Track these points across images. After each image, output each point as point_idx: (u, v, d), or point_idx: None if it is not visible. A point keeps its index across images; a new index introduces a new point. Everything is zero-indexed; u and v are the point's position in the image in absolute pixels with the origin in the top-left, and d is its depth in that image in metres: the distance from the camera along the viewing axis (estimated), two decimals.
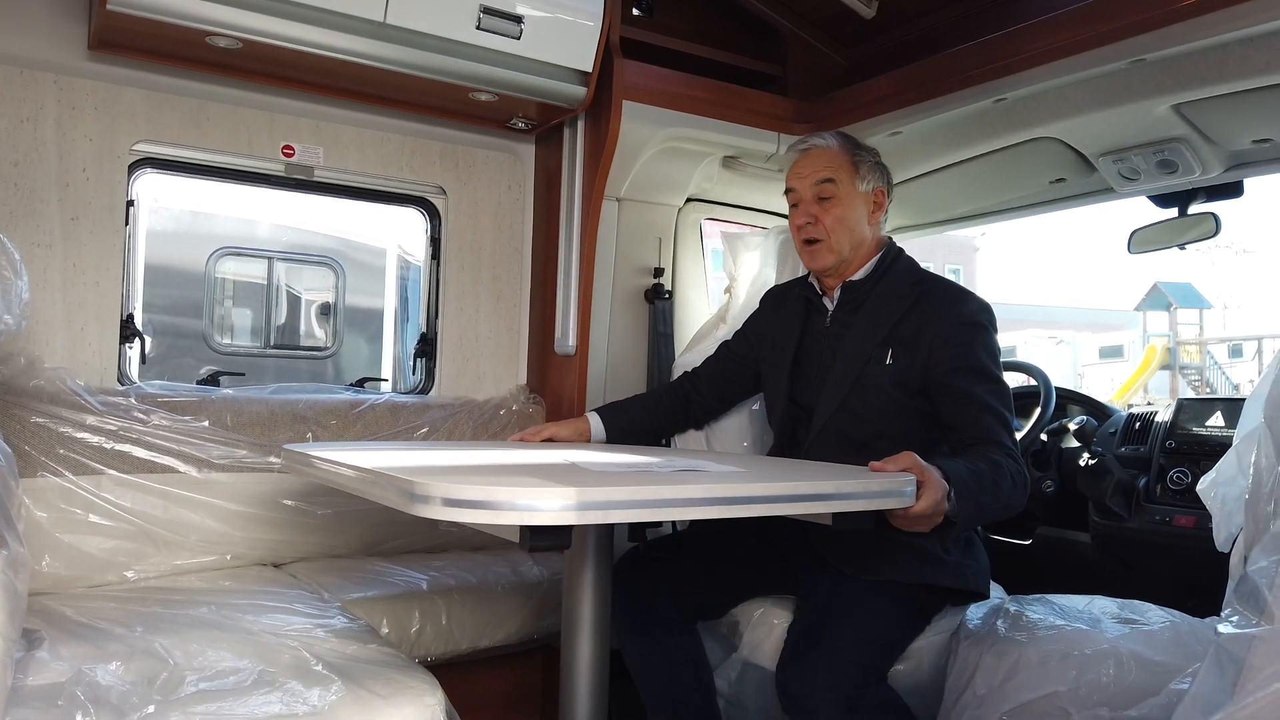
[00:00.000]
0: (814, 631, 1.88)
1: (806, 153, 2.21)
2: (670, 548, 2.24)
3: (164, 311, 3.60)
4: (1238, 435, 1.56)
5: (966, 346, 2.01)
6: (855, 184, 2.17)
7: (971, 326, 2.04)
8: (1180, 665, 1.66)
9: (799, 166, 2.22)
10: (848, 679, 1.78)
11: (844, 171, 2.17)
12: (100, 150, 2.43)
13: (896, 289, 2.14)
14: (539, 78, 2.56)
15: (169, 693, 1.53)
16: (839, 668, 1.79)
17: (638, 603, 2.09)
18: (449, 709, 1.66)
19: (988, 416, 1.95)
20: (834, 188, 2.16)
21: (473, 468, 1.62)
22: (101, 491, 2.29)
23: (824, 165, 2.18)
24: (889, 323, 2.10)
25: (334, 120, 2.77)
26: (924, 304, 2.09)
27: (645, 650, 2.09)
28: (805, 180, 2.19)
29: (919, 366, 2.03)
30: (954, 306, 2.07)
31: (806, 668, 1.81)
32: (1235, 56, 2.06)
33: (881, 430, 2.07)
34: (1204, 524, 1.99)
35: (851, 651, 1.83)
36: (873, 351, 2.09)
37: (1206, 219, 2.56)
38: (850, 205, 2.17)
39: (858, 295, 2.19)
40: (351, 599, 2.24)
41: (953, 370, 2.00)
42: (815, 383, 2.18)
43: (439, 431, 2.80)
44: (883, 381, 2.06)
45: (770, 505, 1.41)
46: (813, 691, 1.77)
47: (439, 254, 3.00)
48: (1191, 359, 22.17)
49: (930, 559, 2.00)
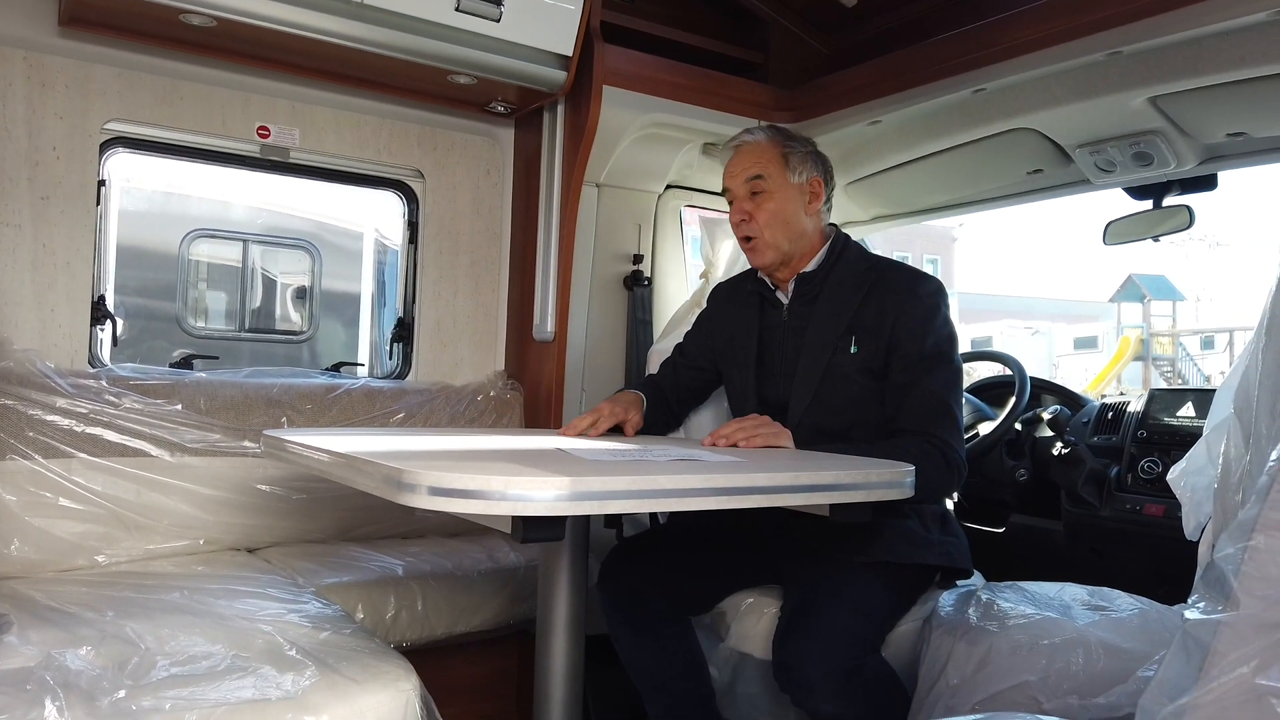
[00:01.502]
0: (807, 608, 1.88)
1: (737, 149, 2.19)
2: (654, 541, 2.23)
3: (137, 294, 3.56)
4: (1208, 425, 1.58)
5: (923, 333, 2.02)
6: (787, 176, 2.14)
7: (930, 311, 2.04)
8: (1148, 652, 1.69)
9: (731, 165, 2.19)
10: (844, 650, 1.80)
11: (774, 165, 2.14)
12: (71, 129, 2.39)
13: (850, 276, 2.13)
14: (518, 61, 2.53)
15: (140, 677, 1.51)
16: (834, 639, 1.81)
17: (629, 597, 2.08)
18: (424, 694, 1.66)
19: (925, 404, 1.97)
20: (764, 183, 2.13)
21: (459, 454, 1.61)
22: (72, 475, 2.26)
23: (753, 161, 2.15)
24: (849, 310, 2.08)
25: (310, 101, 2.73)
26: (881, 289, 2.08)
27: (640, 644, 2.08)
28: (737, 178, 2.16)
29: (883, 350, 2.04)
30: (912, 289, 2.06)
31: (802, 641, 1.82)
32: (1210, 50, 2.07)
33: (855, 419, 2.07)
34: (1174, 513, 2.01)
35: (846, 623, 1.84)
36: (837, 341, 2.08)
37: (1181, 211, 2.59)
38: (783, 198, 2.13)
39: (812, 286, 2.16)
40: (326, 584, 2.23)
41: (904, 358, 2.01)
42: (782, 378, 2.16)
43: (415, 417, 2.78)
44: (851, 370, 2.06)
45: (770, 496, 1.40)
46: (810, 664, 1.78)
47: (416, 238, 2.98)
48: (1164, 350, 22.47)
49: (916, 539, 2.02)
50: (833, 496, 1.49)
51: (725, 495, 1.34)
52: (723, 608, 2.16)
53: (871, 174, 3.05)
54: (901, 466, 1.56)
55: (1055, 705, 1.68)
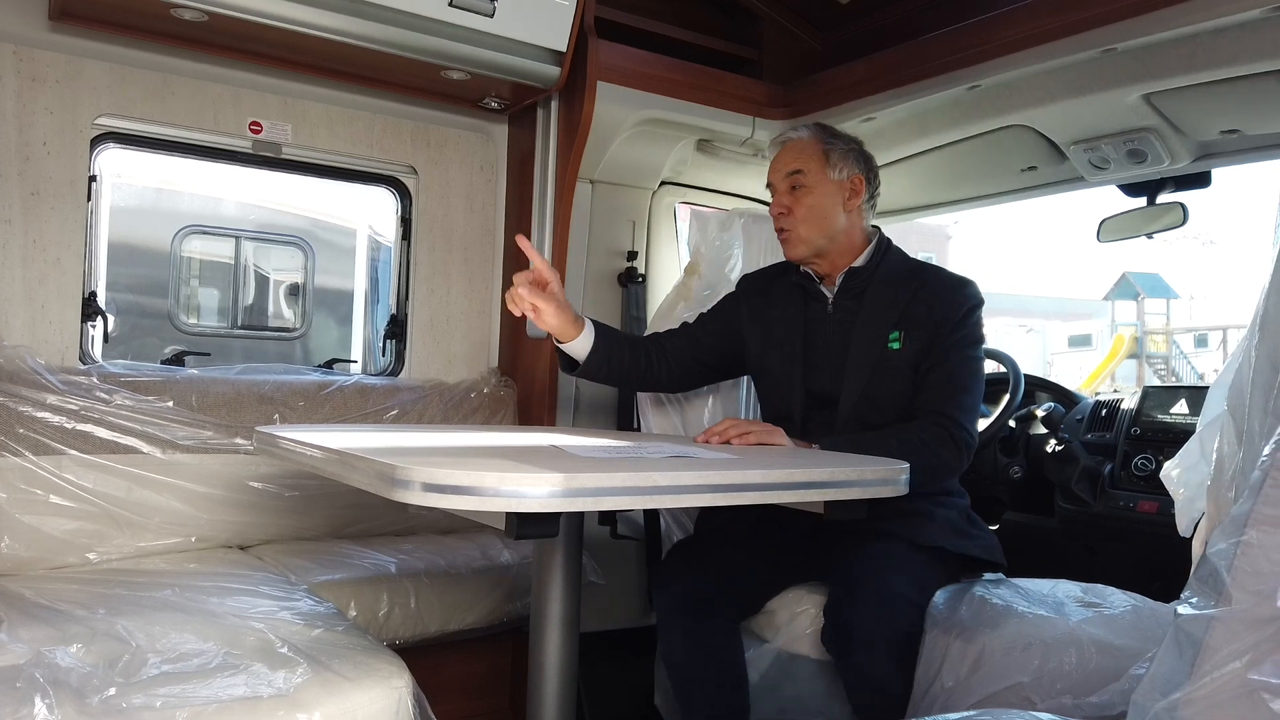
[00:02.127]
0: (862, 575, 1.90)
1: (784, 145, 2.26)
2: (710, 543, 2.20)
3: (128, 290, 3.54)
4: (1201, 422, 1.57)
5: (957, 328, 2.11)
6: (826, 172, 2.19)
7: (969, 312, 2.14)
8: (1141, 649, 1.69)
9: (775, 161, 2.27)
10: (905, 616, 1.85)
11: (814, 161, 2.19)
12: (61, 123, 2.37)
13: (896, 275, 2.19)
14: (512, 57, 2.52)
15: (131, 675, 1.50)
16: (893, 602, 1.85)
17: (690, 602, 2.05)
18: (416, 692, 1.65)
19: (942, 385, 2.06)
20: (803, 178, 2.19)
21: (452, 450, 1.60)
22: (63, 472, 2.25)
23: (794, 157, 2.22)
24: (898, 307, 2.14)
25: (303, 97, 2.72)
26: (926, 289, 2.15)
27: (691, 651, 2.05)
28: (778, 173, 2.23)
29: (925, 348, 2.10)
30: (958, 291, 2.15)
31: (860, 602, 1.85)
32: (1205, 47, 2.07)
33: (901, 414, 2.11)
34: (1167, 510, 2.01)
35: (907, 590, 1.89)
36: (887, 335, 2.13)
37: (1174, 209, 2.59)
38: (821, 194, 2.18)
39: (859, 282, 2.21)
40: (318, 582, 2.22)
41: (935, 349, 2.08)
42: (827, 370, 2.19)
43: (409, 414, 2.77)
44: (899, 364, 2.11)
45: (765, 493, 1.39)
46: (872, 623, 1.81)
47: (410, 234, 2.97)
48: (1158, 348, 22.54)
49: (960, 530, 2.09)
50: (827, 494, 1.49)
51: (720, 492, 1.34)
52: (771, 607, 2.15)
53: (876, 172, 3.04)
54: (895, 464, 1.56)
55: (1049, 705, 1.67)
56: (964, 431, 2.02)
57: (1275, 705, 0.66)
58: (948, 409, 2.02)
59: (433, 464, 1.20)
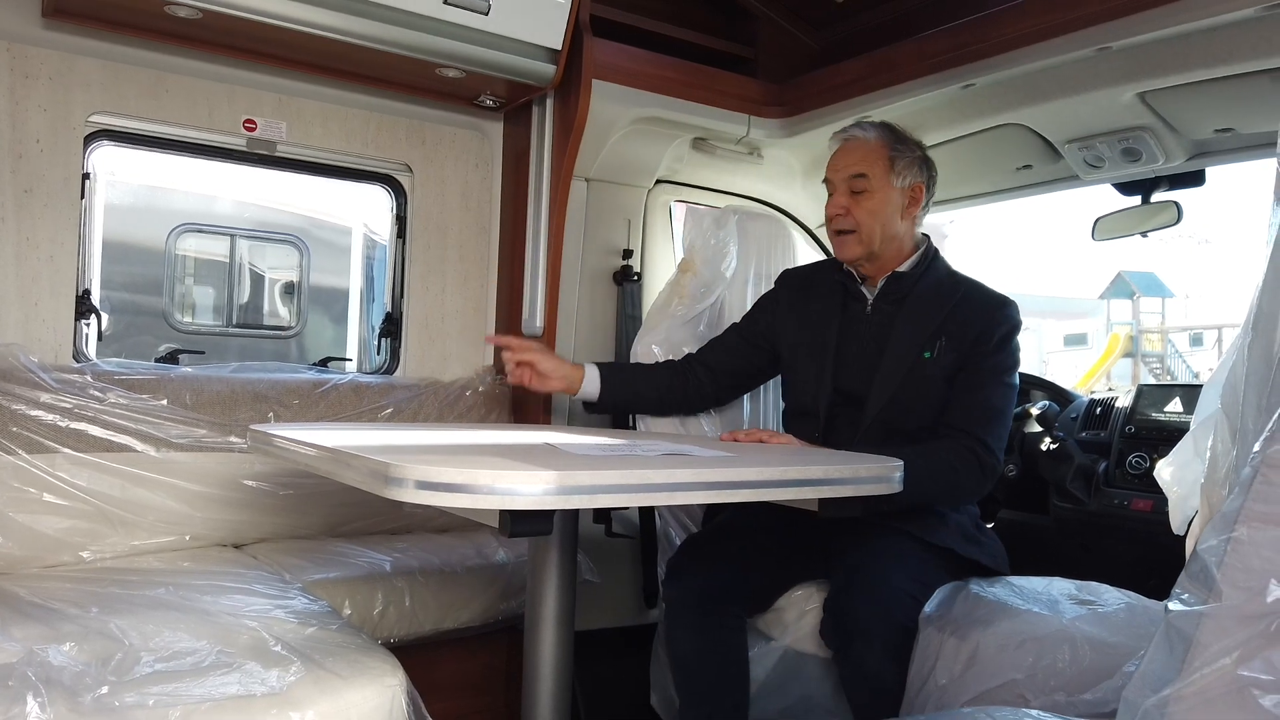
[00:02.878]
0: (864, 567, 1.91)
1: (845, 144, 2.24)
2: (719, 539, 2.20)
3: (123, 289, 3.54)
4: (1195, 420, 1.57)
5: (997, 349, 2.11)
6: (890, 179, 2.18)
7: (1009, 332, 2.14)
8: (1135, 647, 1.69)
9: (836, 158, 2.24)
10: (903, 609, 1.86)
11: (879, 166, 2.18)
12: (55, 121, 2.37)
13: (939, 285, 2.20)
14: (507, 55, 2.52)
15: (124, 673, 1.50)
16: (891, 595, 1.86)
17: (699, 599, 2.06)
18: (410, 690, 1.64)
19: (975, 408, 2.05)
20: (865, 182, 2.17)
21: (447, 448, 1.60)
22: (56, 470, 2.24)
23: (858, 159, 2.19)
24: (938, 317, 2.14)
25: (297, 94, 2.71)
26: (967, 303, 2.15)
27: (699, 649, 2.06)
28: (840, 172, 2.21)
29: (962, 363, 2.10)
30: (1000, 309, 2.15)
31: (859, 594, 1.86)
32: (1199, 45, 2.08)
33: (927, 422, 2.11)
34: (1161, 508, 2.02)
35: (907, 585, 1.90)
36: (924, 344, 2.13)
37: (1169, 207, 2.60)
38: (883, 200, 2.18)
39: (902, 287, 2.21)
40: (313, 580, 2.21)
41: (973, 367, 2.09)
42: (859, 371, 2.19)
43: (404, 413, 2.77)
44: (933, 373, 2.11)
45: (758, 490, 1.39)
46: (870, 615, 1.82)
47: (405, 232, 2.96)
48: (1153, 347, 22.58)
49: (968, 534, 2.10)
50: (820, 491, 1.49)
51: (714, 490, 1.34)
52: (780, 605, 2.15)
53: None
54: (890, 462, 1.55)
55: (1042, 702, 1.68)
56: (993, 457, 2.03)
57: (1265, 701, 0.66)
58: (980, 433, 2.02)
59: (426, 461, 1.20)
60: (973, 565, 2.11)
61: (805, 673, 2.10)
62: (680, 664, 2.09)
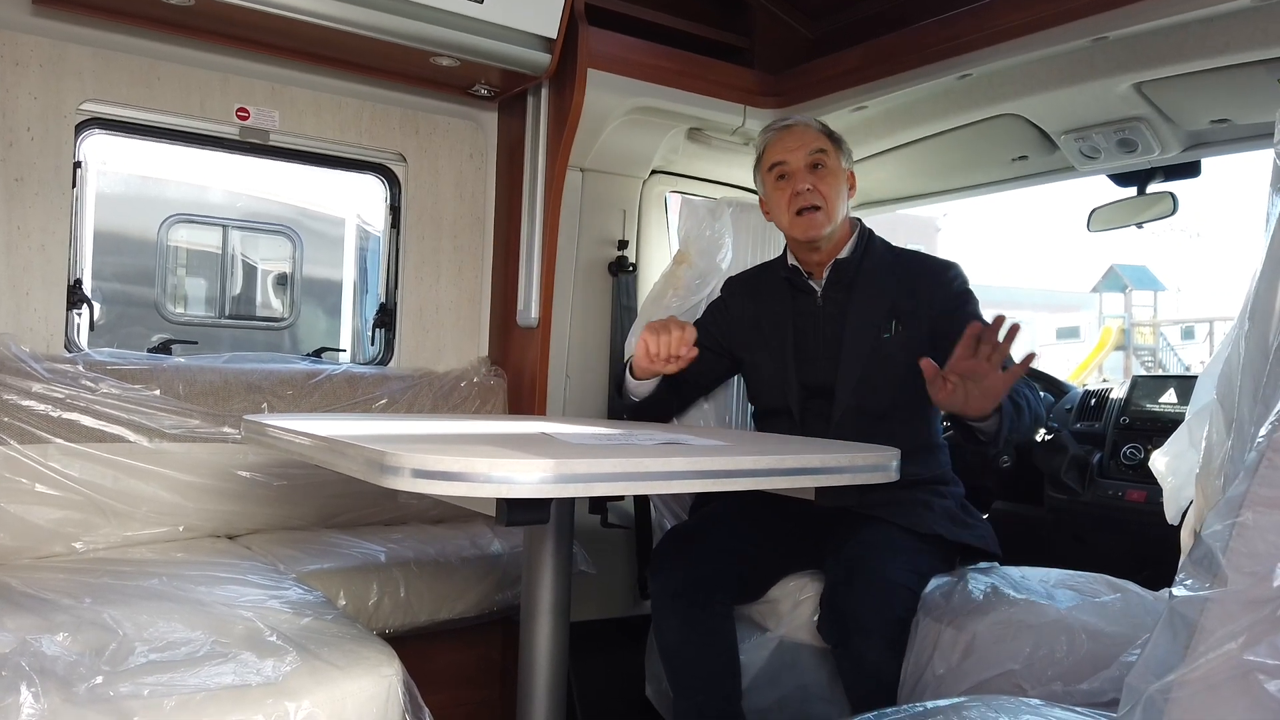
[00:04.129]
0: (860, 562, 1.91)
1: (790, 129, 2.27)
2: (706, 527, 2.19)
3: (115, 279, 3.52)
4: (1190, 411, 1.58)
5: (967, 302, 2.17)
6: (840, 160, 2.25)
7: (964, 293, 2.19)
8: (1131, 637, 1.69)
9: (786, 140, 2.26)
10: (901, 602, 1.86)
11: (830, 146, 2.25)
12: (45, 109, 2.35)
13: (883, 263, 2.23)
14: (502, 43, 2.51)
15: (118, 663, 1.49)
16: (891, 589, 1.86)
17: (686, 587, 2.05)
18: (406, 680, 1.64)
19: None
20: (825, 157, 2.22)
21: (442, 437, 1.60)
22: (48, 461, 2.23)
23: (814, 138, 2.24)
24: (889, 295, 2.17)
25: (290, 83, 2.70)
26: (913, 276, 2.19)
27: (687, 636, 2.05)
28: (797, 152, 2.22)
29: (925, 334, 2.12)
30: (948, 271, 2.20)
31: (858, 588, 1.86)
32: (1195, 36, 2.07)
33: (897, 400, 2.12)
34: (1155, 498, 2.03)
35: (904, 578, 1.90)
36: (880, 323, 2.16)
37: (1164, 198, 2.60)
38: (838, 179, 2.23)
39: (846, 273, 2.23)
40: (307, 571, 2.21)
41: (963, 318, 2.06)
42: (822, 362, 2.20)
43: (398, 403, 2.76)
44: (893, 350, 2.13)
45: (756, 479, 1.39)
46: (868, 610, 1.82)
47: (399, 223, 2.95)
48: (1145, 340, 22.65)
49: (956, 518, 2.10)
50: (818, 480, 1.49)
51: (711, 478, 1.34)
52: (774, 595, 2.15)
53: (857, 161, 3.03)
54: (886, 450, 1.56)
55: (1040, 692, 1.68)
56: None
57: (1270, 686, 0.66)
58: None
59: (422, 450, 1.19)
60: (962, 549, 2.12)
61: (801, 663, 2.10)
62: (669, 655, 2.09)
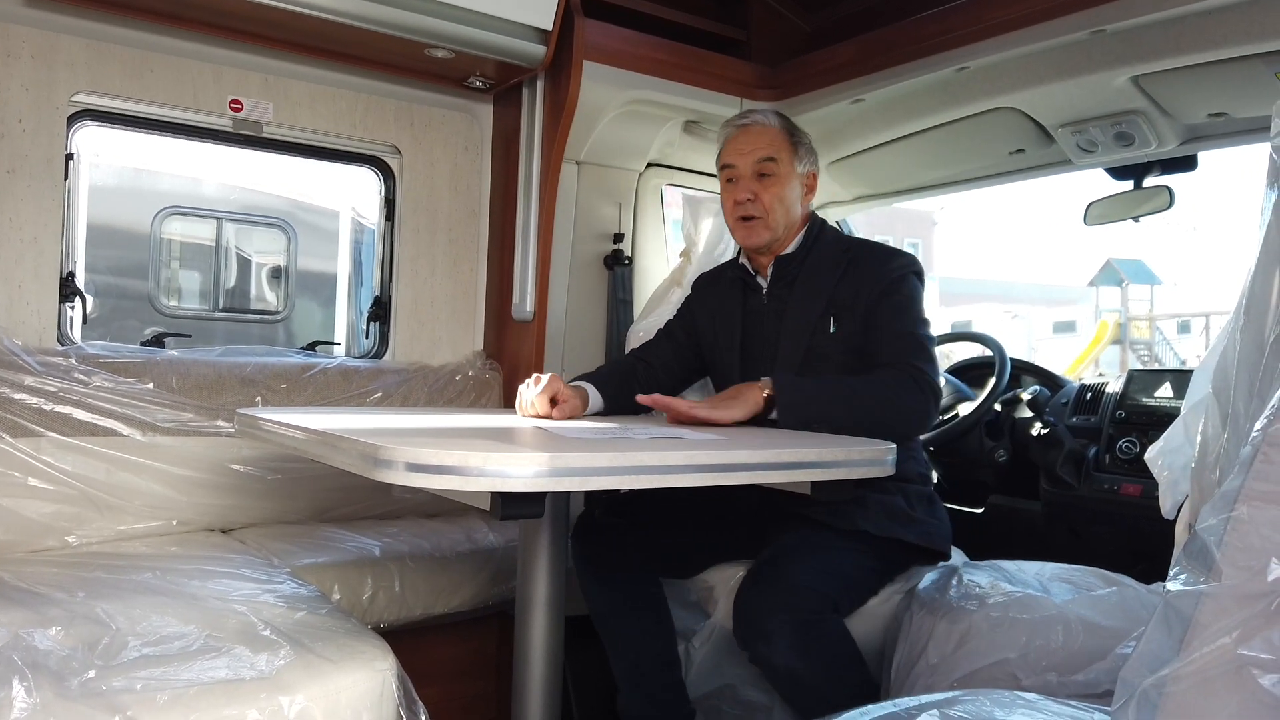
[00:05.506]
0: (776, 562, 1.89)
1: (746, 129, 2.18)
2: (631, 502, 2.21)
3: (108, 272, 3.50)
4: (1185, 405, 1.57)
5: (894, 293, 2.07)
6: (794, 164, 2.16)
7: (900, 280, 2.08)
8: (1126, 629, 1.70)
9: (738, 143, 2.18)
10: (805, 603, 1.79)
11: (784, 151, 2.16)
12: (38, 100, 2.33)
13: (827, 258, 2.16)
14: (497, 35, 2.49)
15: (110, 658, 1.49)
16: (798, 592, 1.81)
17: (602, 550, 2.11)
18: (400, 674, 1.64)
19: (898, 340, 2.01)
20: (774, 165, 2.14)
21: (437, 431, 1.59)
22: (41, 454, 2.22)
23: (766, 143, 2.15)
24: (826, 290, 2.11)
25: (284, 75, 2.68)
26: (855, 267, 2.11)
27: (609, 600, 2.11)
28: (746, 157, 2.15)
29: (860, 328, 2.06)
30: (884, 264, 2.10)
31: (763, 590, 1.82)
32: (1192, 29, 2.07)
33: None
34: (1150, 492, 2.02)
35: (809, 579, 1.84)
36: (816, 322, 2.10)
37: (1161, 192, 2.59)
38: (788, 184, 2.15)
39: (790, 269, 2.18)
40: (302, 565, 2.20)
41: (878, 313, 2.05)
42: (765, 361, 2.16)
43: (393, 397, 2.75)
44: (830, 349, 2.08)
45: (752, 473, 1.39)
46: (769, 613, 1.78)
47: (393, 215, 2.94)
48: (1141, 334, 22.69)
49: (898, 514, 2.02)
50: (814, 474, 1.48)
51: (707, 472, 1.34)
52: (710, 582, 2.16)
53: (854, 153, 3.04)
54: (881, 445, 1.56)
55: (1034, 682, 1.68)
56: (929, 379, 1.96)
57: (1264, 680, 0.66)
58: (911, 360, 1.97)
59: (417, 444, 1.19)
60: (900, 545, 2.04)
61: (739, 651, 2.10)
62: (600, 621, 2.14)
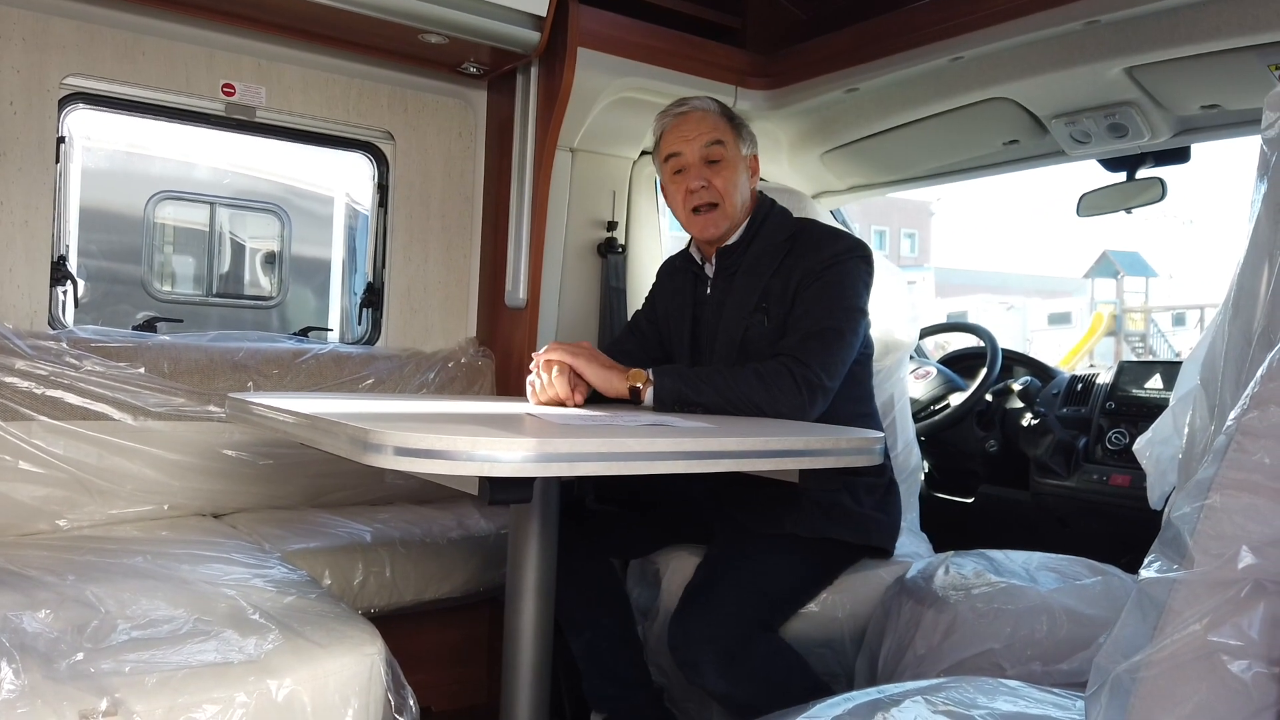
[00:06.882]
0: (705, 585, 1.89)
1: (686, 116, 2.08)
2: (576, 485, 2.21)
3: (100, 256, 3.49)
4: (1174, 396, 1.58)
5: (816, 281, 1.97)
6: (739, 147, 2.09)
7: (829, 267, 1.97)
8: (1111, 619, 1.70)
9: (681, 129, 2.07)
10: (729, 631, 1.79)
11: (729, 134, 2.08)
12: (29, 83, 2.32)
13: (769, 246, 2.07)
14: (491, 20, 2.48)
15: (99, 640, 1.49)
16: (721, 620, 1.80)
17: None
18: (389, 659, 1.64)
19: (797, 335, 1.92)
20: (723, 150, 2.05)
21: (426, 416, 1.59)
22: (32, 438, 2.22)
23: (710, 127, 2.06)
24: (761, 283, 2.03)
25: (277, 59, 2.67)
26: (793, 254, 2.03)
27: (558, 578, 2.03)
28: (692, 143, 2.05)
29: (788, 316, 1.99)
30: (816, 252, 1.99)
31: (690, 620, 1.82)
32: (1186, 20, 2.07)
33: None
34: (1139, 483, 2.03)
35: (734, 605, 1.83)
36: (749, 316, 2.03)
37: (1154, 184, 2.59)
38: (737, 169, 2.07)
39: (733, 260, 2.11)
40: (292, 550, 2.21)
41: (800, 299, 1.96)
42: (707, 353, 2.13)
43: (385, 383, 2.75)
44: (764, 344, 2.00)
45: (740, 461, 1.39)
46: (695, 643, 1.78)
47: (386, 201, 2.93)
48: (1136, 326, 22.74)
49: (835, 512, 1.97)
50: (802, 462, 1.49)
51: (694, 459, 1.34)
52: (657, 562, 2.17)
53: (848, 143, 3.03)
54: (871, 434, 1.56)
55: (1018, 671, 1.70)
56: (810, 371, 1.84)
57: (1233, 666, 0.67)
58: (797, 352, 1.88)
59: (405, 428, 1.19)
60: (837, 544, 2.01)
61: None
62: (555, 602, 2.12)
